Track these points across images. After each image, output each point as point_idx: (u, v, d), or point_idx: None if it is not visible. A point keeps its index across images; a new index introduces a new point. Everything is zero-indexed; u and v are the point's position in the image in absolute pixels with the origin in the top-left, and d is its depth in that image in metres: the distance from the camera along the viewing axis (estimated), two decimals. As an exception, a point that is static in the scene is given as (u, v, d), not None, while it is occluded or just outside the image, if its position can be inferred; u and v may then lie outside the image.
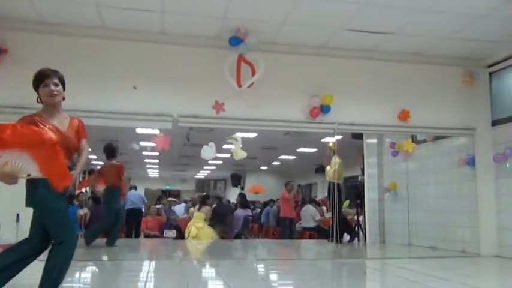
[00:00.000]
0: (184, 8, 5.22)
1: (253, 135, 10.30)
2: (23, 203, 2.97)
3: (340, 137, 7.13)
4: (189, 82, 5.90)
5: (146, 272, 4.88)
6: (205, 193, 16.33)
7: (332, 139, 7.29)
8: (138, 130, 8.26)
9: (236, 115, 5.98)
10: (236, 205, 12.51)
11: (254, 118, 6.06)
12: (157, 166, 21.12)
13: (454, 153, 7.01)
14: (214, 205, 10.28)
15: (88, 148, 3.32)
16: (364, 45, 6.19)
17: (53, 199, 2.84)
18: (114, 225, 6.77)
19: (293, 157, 16.27)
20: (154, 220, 10.45)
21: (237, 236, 10.32)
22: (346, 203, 9.93)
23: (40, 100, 3.10)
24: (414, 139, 7.70)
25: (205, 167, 21.18)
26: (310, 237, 9.89)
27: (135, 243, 8.74)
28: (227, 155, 11.22)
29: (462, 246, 6.67)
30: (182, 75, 5.90)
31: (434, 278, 4.53)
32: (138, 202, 10.59)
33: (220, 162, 17.04)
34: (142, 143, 10.31)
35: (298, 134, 9.89)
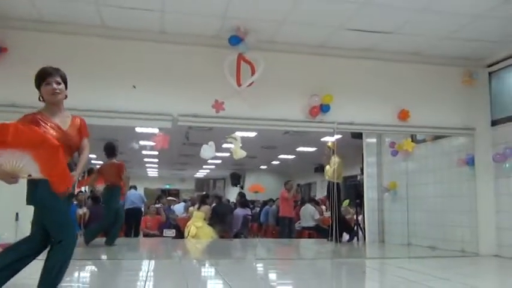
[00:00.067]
0: (184, 7, 5.22)
1: (252, 134, 10.29)
2: (22, 202, 2.97)
3: (339, 137, 7.15)
4: (189, 81, 5.89)
5: (145, 272, 4.86)
6: (204, 192, 16.32)
7: (331, 138, 7.29)
8: (138, 129, 8.24)
9: (236, 114, 5.97)
10: (235, 204, 12.49)
11: (254, 117, 6.05)
12: (156, 165, 21.11)
13: (454, 153, 7.01)
14: (213, 204, 10.27)
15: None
16: (363, 44, 6.20)
17: (54, 198, 2.83)
18: (113, 224, 6.76)
19: (292, 156, 16.27)
20: (153, 219, 10.43)
21: (237, 235, 10.30)
22: (345, 203, 9.94)
23: (42, 98, 3.10)
24: (414, 139, 7.70)
25: (204, 166, 21.17)
26: (309, 236, 9.89)
27: (134, 242, 8.73)
28: (226, 154, 11.24)
29: (461, 246, 6.68)
30: (182, 74, 5.90)
31: (433, 278, 4.53)
32: (138, 202, 10.58)
33: (219, 161, 17.04)
34: (141, 142, 10.31)
35: (297, 134, 9.90)
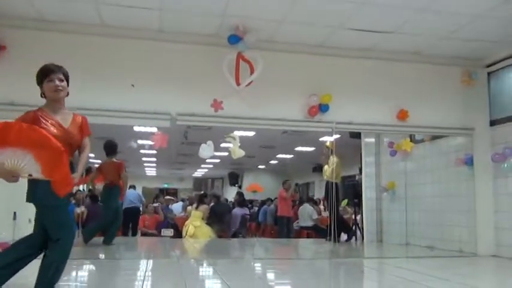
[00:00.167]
0: (182, 6, 5.21)
1: (251, 133, 10.27)
2: (20, 202, 2.97)
3: (338, 136, 7.14)
4: (188, 80, 5.88)
5: (143, 271, 4.85)
6: (202, 192, 16.29)
7: (330, 138, 7.28)
8: (136, 128, 8.22)
9: (234, 114, 5.97)
10: (234, 204, 12.48)
11: (252, 117, 6.04)
12: (154, 164, 21.07)
13: (452, 152, 7.02)
14: (211, 204, 10.24)
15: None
16: (362, 44, 6.19)
17: (53, 197, 2.82)
18: (112, 223, 6.75)
19: (291, 156, 16.26)
20: (151, 218, 10.40)
21: (235, 235, 10.29)
22: (344, 202, 9.93)
23: (44, 95, 3.09)
24: (412, 138, 7.71)
25: (202, 166, 21.14)
26: (307, 236, 9.89)
27: (132, 241, 8.71)
28: (225, 154, 11.20)
29: (459, 245, 6.68)
30: (180, 73, 5.88)
31: (431, 278, 4.53)
32: (136, 201, 10.56)
33: (218, 160, 17.02)
34: (140, 141, 10.30)
35: (296, 133, 9.89)
